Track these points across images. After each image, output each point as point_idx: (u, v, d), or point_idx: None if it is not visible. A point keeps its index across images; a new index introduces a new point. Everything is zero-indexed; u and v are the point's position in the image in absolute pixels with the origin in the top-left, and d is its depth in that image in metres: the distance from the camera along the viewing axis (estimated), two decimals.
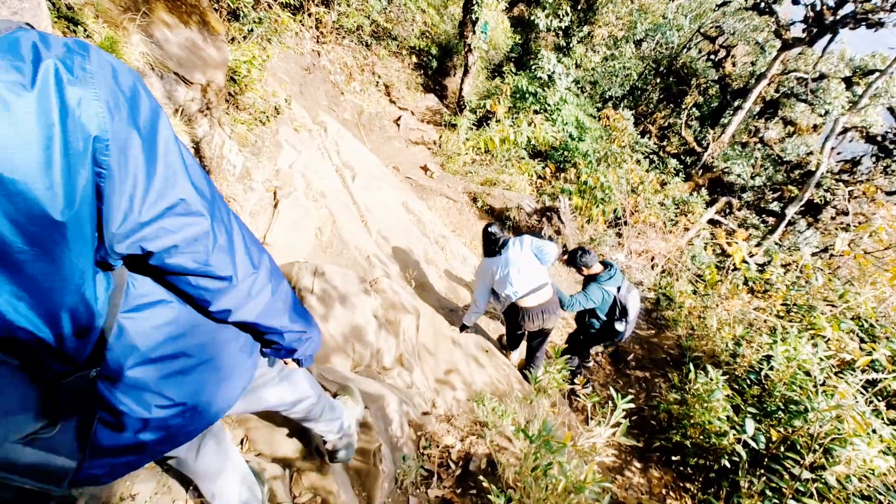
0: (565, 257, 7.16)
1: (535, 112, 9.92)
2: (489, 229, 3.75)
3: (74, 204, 0.60)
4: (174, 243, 0.72)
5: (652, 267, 8.91)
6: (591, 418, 2.24)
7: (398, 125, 9.47)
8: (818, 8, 10.46)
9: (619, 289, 3.97)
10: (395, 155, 8.19)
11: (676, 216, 9.60)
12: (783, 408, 3.56)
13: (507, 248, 3.63)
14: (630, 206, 8.93)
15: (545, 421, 1.53)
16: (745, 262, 6.80)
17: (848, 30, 10.52)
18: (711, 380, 3.54)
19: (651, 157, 10.49)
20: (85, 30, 3.30)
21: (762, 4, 10.84)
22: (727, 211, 10.92)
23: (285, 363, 1.21)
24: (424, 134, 9.78)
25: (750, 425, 3.28)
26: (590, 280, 4.04)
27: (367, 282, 3.47)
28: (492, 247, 3.67)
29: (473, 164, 8.94)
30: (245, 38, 5.20)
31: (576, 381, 3.91)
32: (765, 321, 4.50)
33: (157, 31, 3.60)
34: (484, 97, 10.56)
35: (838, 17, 10.21)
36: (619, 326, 3.98)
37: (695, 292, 8.02)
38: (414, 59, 12.37)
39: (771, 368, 3.78)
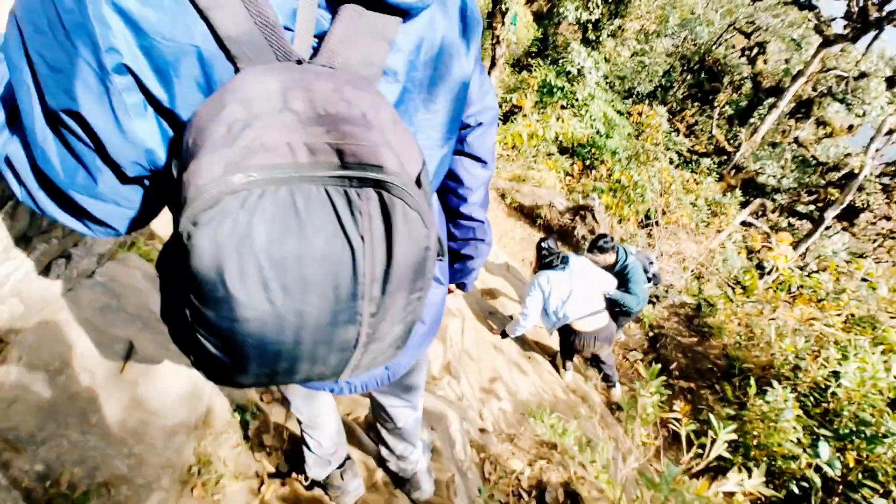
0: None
1: (563, 107, 9.62)
2: (544, 245, 3.60)
3: None
4: None
5: (683, 269, 8.61)
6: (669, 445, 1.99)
7: None
8: (862, 3, 10.00)
9: (651, 262, 4.37)
10: None
11: (708, 217, 9.26)
12: (856, 430, 3.29)
13: (567, 266, 3.48)
14: (661, 206, 8.62)
15: (669, 465, 1.30)
16: (789, 267, 6.47)
17: (893, 27, 10.07)
18: (779, 398, 3.27)
19: (682, 155, 10.15)
20: None
21: None
22: (759, 213, 10.54)
23: (449, 291, 1.14)
24: None
25: (824, 449, 3.00)
26: (611, 269, 4.01)
27: None
28: (548, 262, 3.52)
29: (500, 159, 8.67)
30: None
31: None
32: (826, 334, 4.21)
33: None
34: (510, 91, 10.27)
35: (884, 14, 9.75)
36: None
37: (726, 295, 7.70)
38: None
39: (839, 386, 3.50)
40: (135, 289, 1.66)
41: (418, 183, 0.51)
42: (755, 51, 11.92)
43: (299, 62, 0.51)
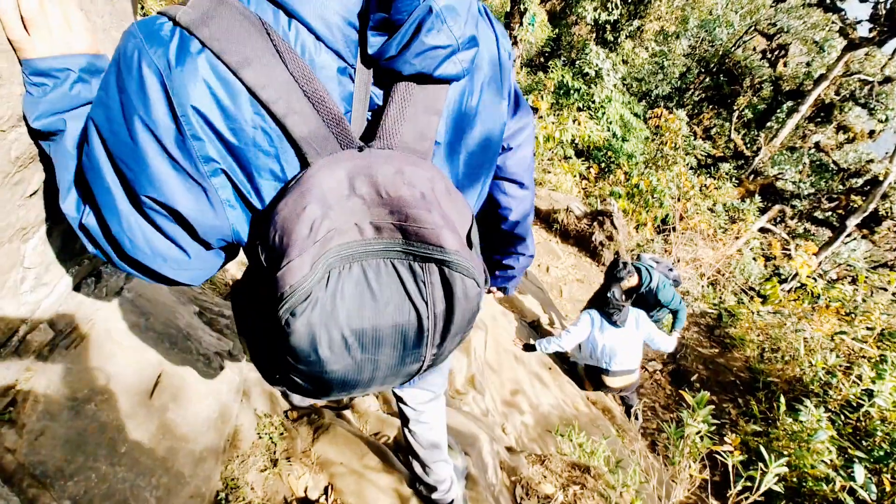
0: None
1: (579, 109, 9.49)
2: (613, 296, 3.43)
3: None
4: None
5: (700, 276, 8.46)
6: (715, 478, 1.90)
7: None
8: (889, 6, 9.76)
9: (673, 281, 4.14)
10: None
11: (726, 223, 9.09)
12: (891, 452, 3.16)
13: (625, 326, 3.42)
14: (679, 211, 8.47)
15: None
16: (811, 276, 6.31)
17: None
18: (811, 417, 3.15)
19: (700, 160, 9.97)
20: None
21: (827, 0, 10.17)
22: (778, 219, 10.34)
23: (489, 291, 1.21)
24: None
25: (859, 472, 2.89)
26: (636, 291, 3.97)
27: None
28: (610, 312, 3.43)
29: None
30: None
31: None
32: (856, 349, 4.07)
33: None
34: (525, 92, 10.16)
35: None
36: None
37: (740, 302, 7.58)
38: None
39: (872, 405, 3.38)
40: (161, 304, 1.60)
41: (469, 242, 0.58)
42: (776, 53, 11.70)
43: (360, 149, 0.57)
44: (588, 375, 3.75)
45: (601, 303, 3.51)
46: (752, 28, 12.35)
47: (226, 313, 2.23)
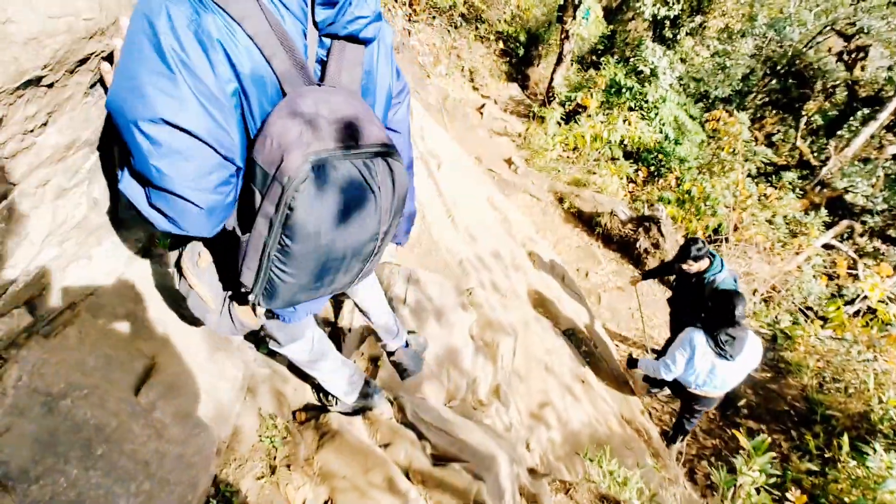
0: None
1: (630, 109, 9.03)
2: (730, 332, 2.92)
3: None
4: None
5: (753, 293, 7.89)
6: None
7: (481, 113, 8.94)
8: None
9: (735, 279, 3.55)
10: (478, 145, 7.68)
11: (786, 237, 8.42)
12: None
13: (738, 357, 2.93)
14: (734, 221, 7.92)
15: None
16: (882, 300, 5.73)
17: None
18: (878, 462, 2.78)
19: (761, 167, 9.29)
20: None
21: None
22: (845, 236, 9.52)
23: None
24: (507, 125, 9.18)
25: None
26: (700, 275, 3.55)
27: (465, 291, 3.01)
28: (724, 341, 2.92)
29: (559, 160, 8.25)
30: None
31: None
32: None
33: None
34: (574, 89, 9.76)
35: None
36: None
37: (796, 323, 7.00)
38: (500, 45, 11.74)
39: None
40: (160, 290, 1.52)
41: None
42: (854, 55, 10.75)
43: (318, 85, 0.81)
44: (684, 406, 3.46)
45: (714, 323, 2.95)
46: (828, 28, 11.40)
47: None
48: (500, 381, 2.67)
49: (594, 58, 15.54)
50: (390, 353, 1.86)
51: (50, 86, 0.74)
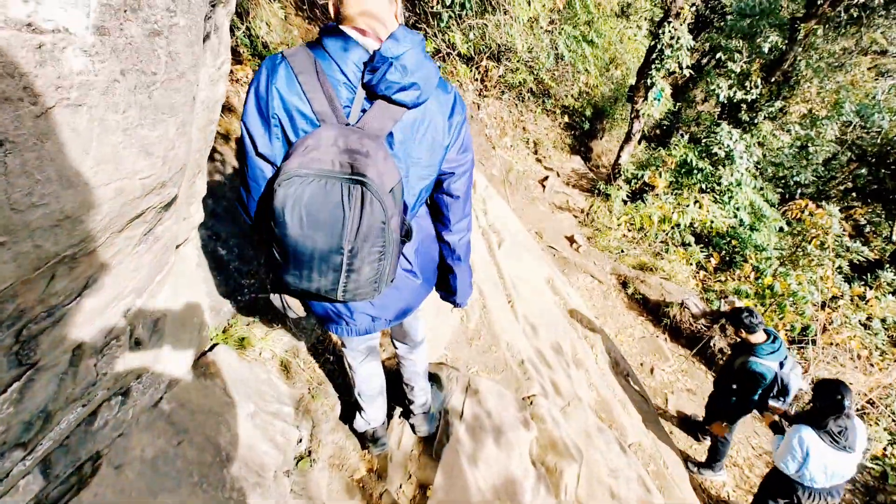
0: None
1: (702, 190, 8.61)
2: (837, 401, 2.78)
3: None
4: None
5: None
6: None
7: (543, 186, 8.83)
8: None
9: (781, 364, 3.53)
10: (539, 219, 7.50)
11: (885, 345, 7.43)
12: None
13: (854, 441, 2.81)
14: (822, 321, 7.09)
15: None
16: None
17: None
18: None
19: (854, 263, 8.42)
20: None
21: None
22: None
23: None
24: (570, 199, 8.99)
25: None
26: (747, 348, 3.61)
27: (525, 402, 2.69)
28: (820, 419, 2.83)
29: (623, 240, 7.87)
30: None
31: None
32: None
33: None
34: (640, 167, 9.51)
35: None
36: (776, 403, 3.55)
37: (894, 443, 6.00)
38: (566, 118, 11.84)
39: None
40: (207, 413, 1.34)
41: (392, 191, 1.05)
42: None
43: (347, 125, 1.07)
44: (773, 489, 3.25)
45: (822, 415, 2.81)
46: None
47: (287, 403, 1.96)
48: None
49: (657, 132, 15.37)
50: (408, 414, 2.12)
51: (89, 253, 0.58)
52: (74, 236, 0.52)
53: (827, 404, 2.82)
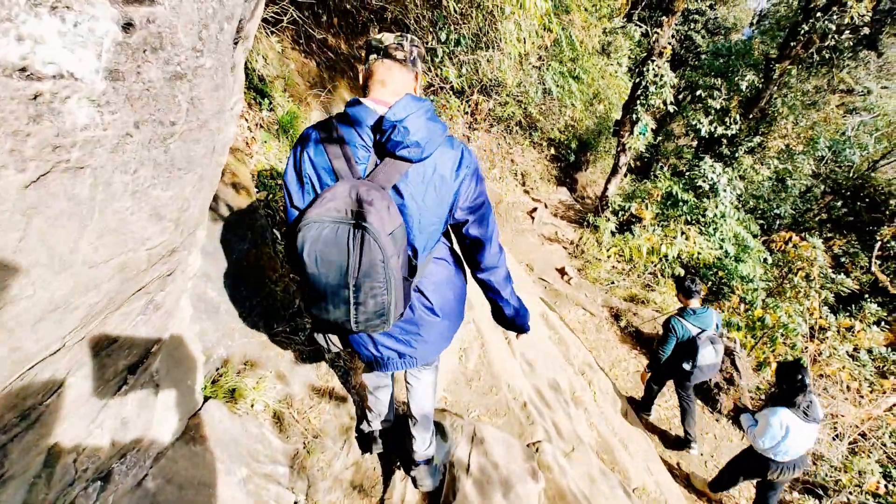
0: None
1: (687, 222, 8.73)
2: (799, 380, 3.19)
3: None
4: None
5: (837, 437, 6.86)
6: None
7: (532, 217, 8.86)
8: None
9: (702, 331, 4.01)
10: (529, 251, 7.47)
11: (873, 376, 7.48)
12: None
13: (812, 414, 3.20)
14: (812, 353, 7.12)
15: None
16: None
17: None
18: None
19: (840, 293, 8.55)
20: (270, 102, 3.09)
21: None
22: None
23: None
24: (558, 230, 9.02)
25: None
26: (681, 311, 4.17)
27: (531, 449, 2.55)
28: (791, 398, 3.22)
29: (613, 271, 7.87)
30: None
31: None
32: None
33: (336, 107, 3.34)
34: (627, 198, 9.64)
35: None
36: (685, 366, 4.07)
37: (887, 475, 5.98)
38: (552, 150, 12.03)
39: None
40: (197, 486, 1.19)
41: (392, 233, 1.20)
42: None
43: (360, 179, 1.26)
44: (746, 464, 3.66)
45: (791, 394, 3.20)
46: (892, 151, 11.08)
47: (282, 462, 1.79)
48: None
49: (638, 164, 15.70)
50: (410, 466, 2.06)
51: (77, 342, 0.47)
52: (63, 328, 0.41)
53: (793, 385, 3.20)
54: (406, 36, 1.35)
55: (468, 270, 1.58)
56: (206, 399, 1.63)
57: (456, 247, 1.57)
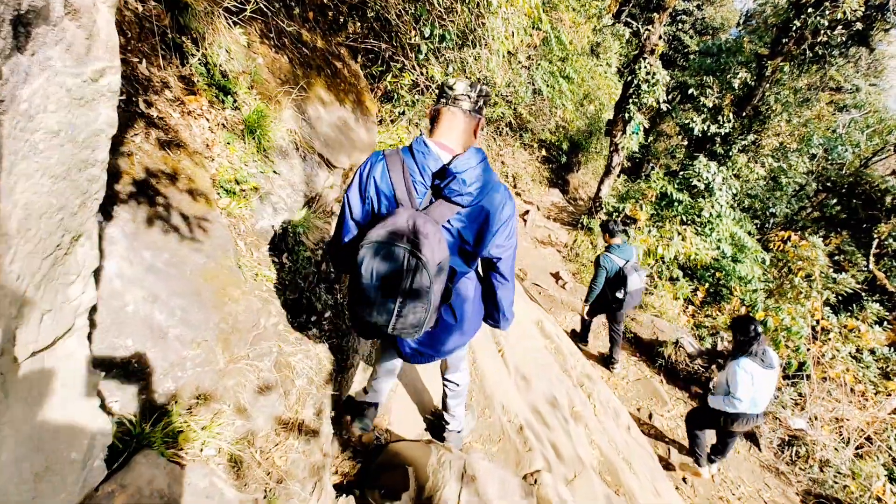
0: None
1: (682, 222, 8.54)
2: (753, 329, 3.58)
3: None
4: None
5: (844, 443, 6.65)
6: None
7: (524, 220, 8.63)
8: None
9: (626, 262, 4.66)
10: (522, 255, 7.23)
11: (877, 377, 7.29)
12: None
13: (768, 361, 3.56)
14: (815, 355, 6.92)
15: None
16: None
17: None
18: None
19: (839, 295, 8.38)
20: (235, 100, 2.81)
21: None
22: None
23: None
24: (552, 233, 8.80)
25: None
26: (607, 248, 4.83)
27: (529, 482, 2.28)
28: (747, 347, 3.56)
29: None
30: (393, 121, 4.72)
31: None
32: None
33: (311, 107, 3.06)
34: (620, 199, 9.44)
35: None
36: (618, 294, 4.71)
37: (892, 478, 5.78)
38: (543, 152, 11.83)
39: None
40: None
41: (440, 264, 1.41)
42: None
43: (417, 210, 1.48)
44: (708, 419, 3.97)
45: (746, 345, 3.57)
46: (889, 148, 10.99)
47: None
48: None
49: (629, 164, 15.57)
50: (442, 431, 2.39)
51: None
52: None
53: (747, 336, 3.57)
54: (476, 87, 1.53)
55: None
56: (135, 449, 1.35)
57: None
